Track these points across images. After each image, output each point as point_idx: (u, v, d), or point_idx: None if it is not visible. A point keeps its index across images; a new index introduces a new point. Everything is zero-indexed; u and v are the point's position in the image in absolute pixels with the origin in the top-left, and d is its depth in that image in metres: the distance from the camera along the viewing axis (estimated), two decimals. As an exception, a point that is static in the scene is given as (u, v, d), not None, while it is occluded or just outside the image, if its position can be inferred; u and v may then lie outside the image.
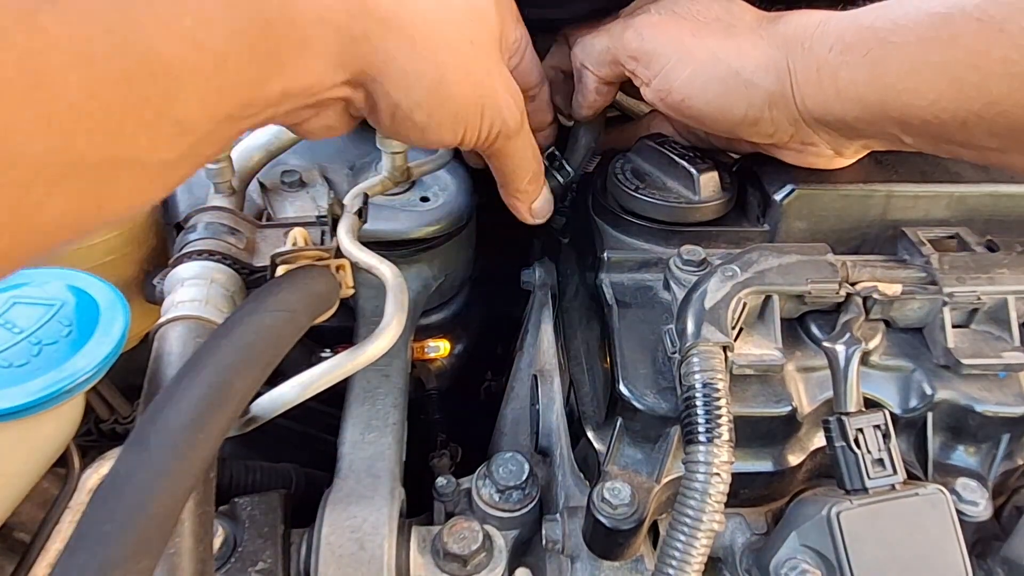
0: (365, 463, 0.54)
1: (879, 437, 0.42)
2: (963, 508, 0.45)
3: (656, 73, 0.51)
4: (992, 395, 0.47)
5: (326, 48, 0.37)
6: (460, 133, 0.46)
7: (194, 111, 0.31)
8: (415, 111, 0.43)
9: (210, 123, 0.33)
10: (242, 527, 0.50)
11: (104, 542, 0.27)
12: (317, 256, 0.50)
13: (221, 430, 0.32)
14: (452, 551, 0.49)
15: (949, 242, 0.53)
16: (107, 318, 0.45)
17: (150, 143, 0.30)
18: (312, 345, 0.72)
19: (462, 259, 0.74)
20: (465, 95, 0.44)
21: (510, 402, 0.73)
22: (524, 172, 0.54)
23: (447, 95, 0.43)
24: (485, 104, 0.46)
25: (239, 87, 0.33)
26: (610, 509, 0.45)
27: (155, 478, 0.29)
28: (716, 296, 0.45)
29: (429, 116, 0.43)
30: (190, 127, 0.32)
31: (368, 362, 0.43)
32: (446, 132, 0.46)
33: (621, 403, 0.47)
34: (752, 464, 0.48)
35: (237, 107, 0.34)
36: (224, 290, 0.48)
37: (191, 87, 0.31)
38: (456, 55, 0.43)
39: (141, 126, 0.30)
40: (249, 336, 0.35)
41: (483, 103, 0.46)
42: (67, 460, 0.46)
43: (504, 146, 0.50)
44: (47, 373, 0.41)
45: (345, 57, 0.39)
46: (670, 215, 0.55)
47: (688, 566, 0.39)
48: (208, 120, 0.33)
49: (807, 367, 0.48)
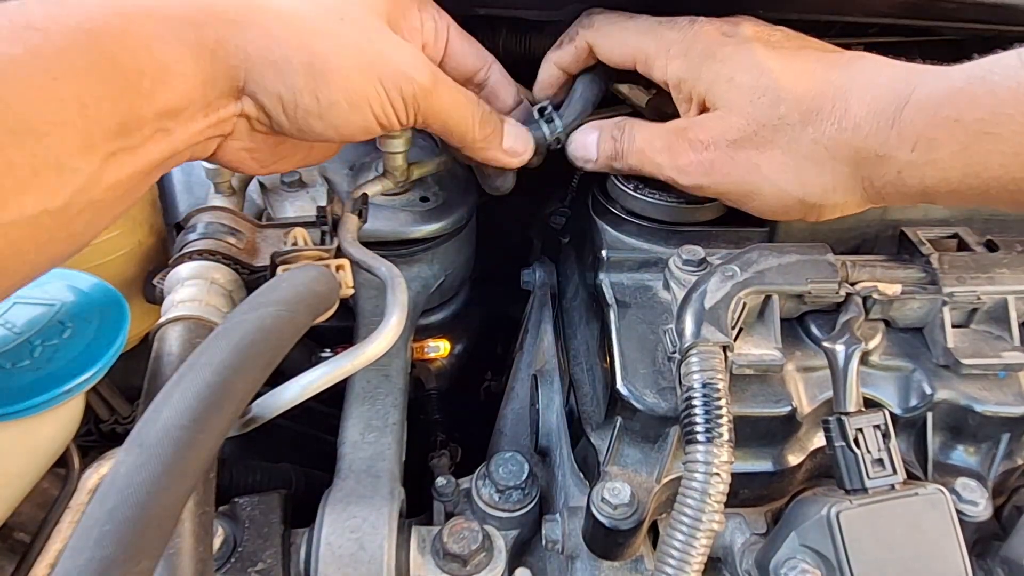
0: (365, 463, 0.54)
1: (879, 437, 0.42)
2: (963, 508, 0.45)
3: (729, 202, 0.51)
4: (992, 395, 0.47)
5: (184, 66, 0.39)
6: (368, 110, 0.45)
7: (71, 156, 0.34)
8: (300, 97, 0.43)
9: (91, 165, 0.35)
10: (242, 527, 0.50)
11: (104, 542, 0.27)
12: (317, 256, 0.50)
13: (221, 430, 0.32)
14: (452, 551, 0.49)
15: (949, 242, 0.53)
16: (107, 318, 0.45)
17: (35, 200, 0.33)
18: (312, 345, 0.72)
19: (462, 259, 0.74)
20: (347, 68, 0.44)
21: (510, 402, 0.73)
22: (468, 120, 0.51)
23: (326, 72, 0.43)
24: (380, 73, 0.45)
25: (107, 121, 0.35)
26: (610, 509, 0.45)
27: (155, 478, 0.29)
28: (716, 296, 0.45)
29: (317, 99, 0.43)
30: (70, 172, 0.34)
31: (368, 362, 0.43)
32: (351, 113, 0.45)
33: (621, 403, 0.47)
34: (752, 464, 0.48)
35: (114, 141, 0.36)
36: (224, 290, 0.48)
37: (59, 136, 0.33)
38: (323, 35, 0.43)
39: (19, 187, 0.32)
40: (249, 336, 0.35)
41: (376, 72, 0.45)
42: (67, 460, 0.47)
43: (429, 105, 0.48)
44: (47, 373, 0.41)
45: (209, 69, 0.40)
46: (670, 215, 0.55)
47: (688, 566, 0.39)
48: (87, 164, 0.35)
49: (807, 367, 0.48)
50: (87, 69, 0.34)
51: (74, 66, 0.34)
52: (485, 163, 0.55)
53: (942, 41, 0.62)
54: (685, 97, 0.50)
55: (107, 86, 0.35)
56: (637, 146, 0.52)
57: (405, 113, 0.47)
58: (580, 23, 0.56)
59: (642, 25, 0.52)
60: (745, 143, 0.47)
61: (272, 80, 0.42)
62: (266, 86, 0.42)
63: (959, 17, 0.55)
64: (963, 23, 0.57)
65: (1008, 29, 0.57)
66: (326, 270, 0.46)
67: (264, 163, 0.49)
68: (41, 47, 0.33)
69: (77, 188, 0.35)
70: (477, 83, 0.56)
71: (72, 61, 0.34)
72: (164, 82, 0.38)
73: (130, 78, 0.36)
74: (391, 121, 0.47)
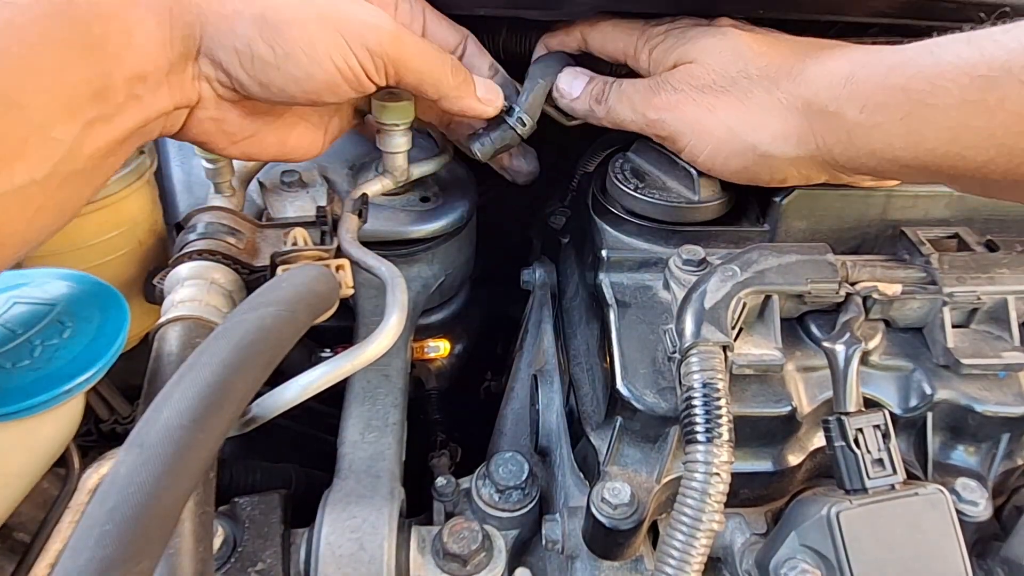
0: (365, 463, 0.54)
1: (879, 437, 0.42)
2: (963, 508, 0.45)
3: (681, 149, 0.53)
4: (992, 395, 0.47)
5: (147, 27, 0.40)
6: (329, 62, 0.45)
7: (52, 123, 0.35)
8: (255, 46, 0.43)
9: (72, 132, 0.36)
10: (242, 527, 0.50)
11: (104, 542, 0.27)
12: (317, 256, 0.50)
13: (221, 430, 0.32)
14: (452, 551, 0.49)
15: (949, 242, 0.53)
16: (107, 318, 0.45)
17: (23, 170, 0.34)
18: (312, 345, 0.72)
19: (462, 259, 0.74)
20: (303, 19, 0.44)
21: (510, 402, 0.73)
22: (440, 67, 0.52)
23: (279, 23, 0.43)
24: (339, 24, 0.45)
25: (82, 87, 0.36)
26: (610, 509, 0.45)
27: (155, 478, 0.29)
28: (716, 296, 0.45)
29: (272, 49, 0.44)
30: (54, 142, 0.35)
31: (368, 362, 0.43)
32: (310, 65, 0.45)
33: (621, 403, 0.47)
34: (752, 464, 0.48)
35: (91, 107, 0.37)
36: (224, 290, 0.48)
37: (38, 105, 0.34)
38: None
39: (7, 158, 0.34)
40: (249, 336, 0.35)
41: (335, 24, 0.45)
42: (67, 460, 0.46)
43: (399, 56, 0.48)
44: (47, 373, 0.41)
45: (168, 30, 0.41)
46: (670, 215, 0.55)
47: (688, 566, 0.39)
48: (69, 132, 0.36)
49: (807, 367, 0.48)
50: (61, 38, 0.35)
51: (48, 35, 0.35)
52: (462, 114, 0.56)
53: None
54: (665, 69, 0.54)
55: (80, 53, 0.36)
56: (621, 88, 0.55)
57: (373, 65, 0.47)
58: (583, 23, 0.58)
59: (632, 24, 0.56)
60: (706, 89, 0.51)
61: (226, 34, 0.43)
62: (221, 41, 0.43)
63: (959, 17, 0.55)
64: (963, 23, 0.57)
65: (1008, 29, 0.57)
66: (326, 270, 0.46)
67: (234, 138, 0.49)
68: (14, 18, 0.34)
69: (61, 157, 0.36)
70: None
71: (46, 30, 0.35)
72: (130, 46, 0.39)
73: (100, 44, 0.37)
74: (358, 75, 0.47)
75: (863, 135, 0.44)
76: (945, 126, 0.40)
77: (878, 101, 0.43)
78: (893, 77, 0.42)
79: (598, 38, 0.58)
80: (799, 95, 0.47)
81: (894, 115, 0.42)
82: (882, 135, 0.43)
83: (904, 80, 0.42)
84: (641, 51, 0.55)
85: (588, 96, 0.57)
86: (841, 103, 0.44)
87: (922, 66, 0.41)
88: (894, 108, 0.42)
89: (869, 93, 0.43)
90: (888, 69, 0.43)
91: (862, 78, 0.44)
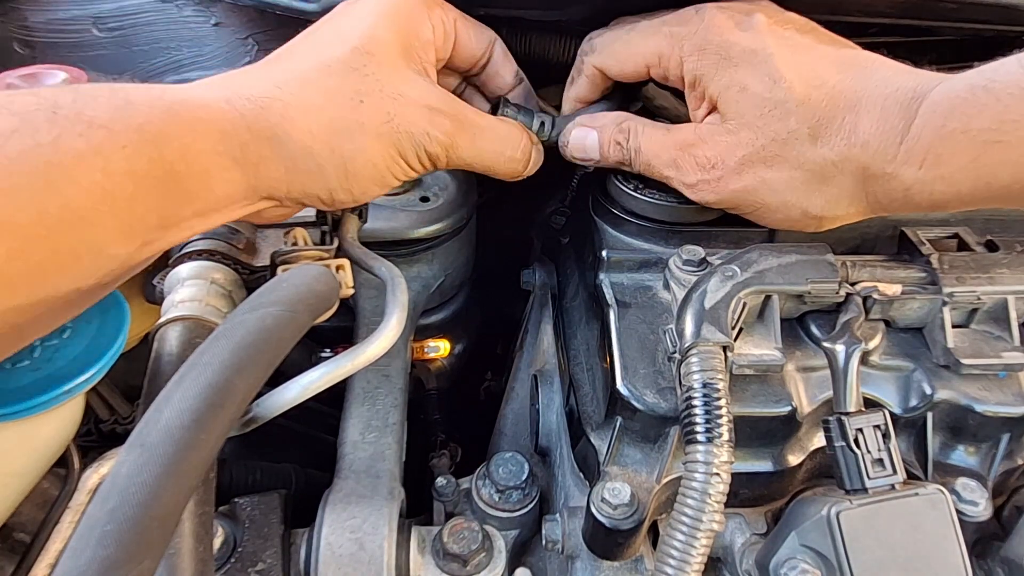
0: (365, 463, 0.54)
1: (879, 437, 0.42)
2: (963, 508, 0.45)
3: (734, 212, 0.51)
4: (992, 395, 0.47)
5: (231, 177, 0.41)
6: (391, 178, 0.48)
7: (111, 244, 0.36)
8: (336, 195, 0.46)
9: (127, 251, 0.37)
10: (242, 527, 0.50)
11: (105, 542, 0.27)
12: (317, 256, 0.50)
13: (222, 430, 0.32)
14: (452, 551, 0.49)
15: (949, 242, 0.53)
16: (107, 318, 0.45)
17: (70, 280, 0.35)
18: (312, 345, 0.72)
19: (462, 259, 0.74)
20: (374, 158, 0.46)
21: (510, 402, 0.73)
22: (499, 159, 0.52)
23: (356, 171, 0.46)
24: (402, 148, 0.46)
25: (150, 217, 0.37)
26: (610, 509, 0.45)
27: (156, 478, 0.29)
28: (716, 296, 0.45)
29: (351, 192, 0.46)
30: (107, 258, 0.36)
31: (368, 362, 0.43)
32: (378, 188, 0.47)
33: (621, 403, 0.47)
34: (752, 464, 0.48)
35: (153, 233, 0.38)
36: (224, 290, 0.48)
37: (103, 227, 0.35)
38: (349, 132, 0.44)
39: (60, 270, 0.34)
40: (249, 336, 0.35)
41: (398, 148, 0.46)
42: (67, 460, 0.46)
43: (458, 157, 0.49)
44: (47, 373, 0.41)
45: (253, 182, 0.42)
46: (670, 215, 0.55)
47: (688, 566, 0.39)
48: (125, 250, 0.37)
49: (807, 367, 0.48)
50: (143, 171, 0.36)
51: (131, 167, 0.35)
52: None
53: (942, 41, 0.62)
54: (699, 95, 0.49)
55: (157, 189, 0.37)
56: (644, 158, 0.51)
57: (431, 167, 0.49)
58: (583, 52, 0.55)
59: (646, 30, 0.51)
60: (753, 158, 0.46)
61: (311, 186, 0.45)
62: (305, 191, 0.45)
63: (959, 17, 0.55)
64: (963, 23, 0.57)
65: (1008, 29, 0.57)
66: (326, 270, 0.46)
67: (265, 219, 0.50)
68: (103, 145, 0.34)
69: (110, 271, 0.37)
70: (481, 65, 0.56)
71: (130, 162, 0.35)
72: (210, 189, 0.40)
73: (179, 184, 0.38)
74: (409, 175, 0.49)
75: (924, 188, 0.42)
76: (1020, 159, 0.38)
77: (938, 153, 0.40)
78: (952, 122, 0.40)
79: (615, 65, 0.52)
80: (853, 157, 0.44)
81: (959, 163, 0.40)
82: (946, 185, 0.41)
83: (964, 124, 0.39)
84: (670, 63, 0.49)
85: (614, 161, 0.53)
86: (898, 164, 0.42)
87: (981, 104, 0.39)
88: (959, 155, 0.40)
89: (928, 146, 0.41)
90: (945, 116, 0.40)
91: (918, 132, 0.41)
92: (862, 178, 0.45)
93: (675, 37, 0.49)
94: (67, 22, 0.62)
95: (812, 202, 0.47)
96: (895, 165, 0.42)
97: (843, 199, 0.46)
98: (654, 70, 0.51)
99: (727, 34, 0.47)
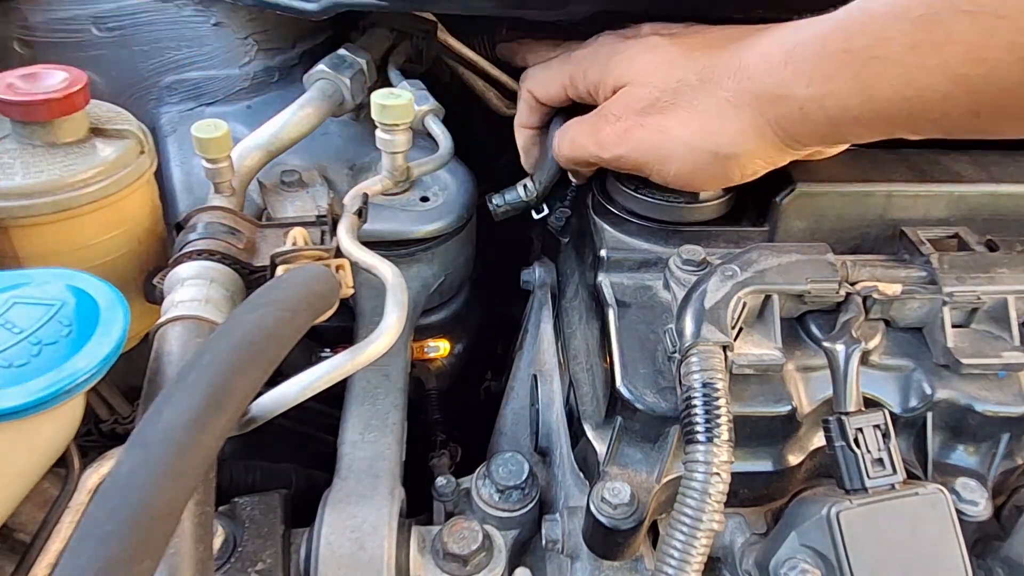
0: (365, 463, 0.54)
1: (879, 437, 0.42)
2: (963, 508, 0.45)
3: (648, 175, 0.53)
4: (992, 395, 0.47)
5: None
6: None
7: None
8: None
9: None
10: (242, 527, 0.50)
11: (105, 542, 0.27)
12: (317, 256, 0.50)
13: (222, 430, 0.32)
14: (452, 551, 0.49)
15: (949, 242, 0.53)
16: (107, 318, 0.44)
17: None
18: (312, 345, 0.72)
19: (462, 259, 0.74)
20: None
21: (510, 402, 0.73)
22: None
23: None
24: None
25: None
26: (610, 509, 0.45)
27: (156, 478, 0.28)
28: (716, 296, 0.45)
29: None
30: None
31: (368, 362, 0.43)
32: None
33: (621, 402, 0.47)
34: (752, 464, 0.48)
35: None
36: (224, 290, 0.48)
37: None
38: None
39: None
40: (249, 336, 0.35)
41: None
42: (67, 460, 0.46)
43: None
44: (47, 373, 0.41)
45: None
46: (670, 215, 0.55)
47: (688, 566, 0.39)
48: None
49: (807, 367, 0.48)
50: None
51: None
52: None
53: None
54: (605, 94, 0.54)
55: None
56: (570, 135, 0.56)
57: None
58: (521, 79, 0.61)
59: (562, 57, 0.57)
60: (650, 109, 0.50)
61: None
62: None
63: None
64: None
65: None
66: (326, 270, 0.46)
67: None
68: None
69: None
70: None
71: None
72: None
73: None
74: None
75: (816, 106, 0.44)
76: (897, 73, 0.40)
77: (823, 70, 0.43)
78: (831, 43, 0.42)
79: (541, 90, 0.59)
80: (744, 89, 0.46)
81: (843, 78, 0.42)
82: (835, 100, 0.43)
83: (843, 43, 0.42)
84: (577, 82, 0.55)
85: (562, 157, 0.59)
86: (787, 84, 0.44)
87: (857, 24, 0.42)
88: (841, 71, 0.42)
89: (812, 66, 0.43)
90: (824, 38, 0.43)
91: (800, 54, 0.44)
92: (758, 108, 0.46)
93: (578, 59, 0.56)
94: (67, 22, 0.62)
95: (716, 140, 0.48)
96: (784, 86, 0.44)
97: (747, 133, 0.47)
98: (569, 91, 0.57)
99: (616, 43, 0.54)
